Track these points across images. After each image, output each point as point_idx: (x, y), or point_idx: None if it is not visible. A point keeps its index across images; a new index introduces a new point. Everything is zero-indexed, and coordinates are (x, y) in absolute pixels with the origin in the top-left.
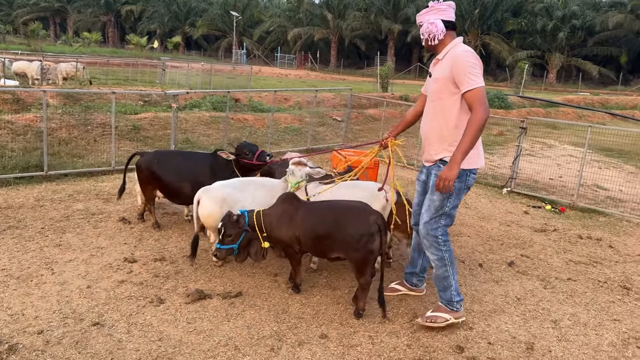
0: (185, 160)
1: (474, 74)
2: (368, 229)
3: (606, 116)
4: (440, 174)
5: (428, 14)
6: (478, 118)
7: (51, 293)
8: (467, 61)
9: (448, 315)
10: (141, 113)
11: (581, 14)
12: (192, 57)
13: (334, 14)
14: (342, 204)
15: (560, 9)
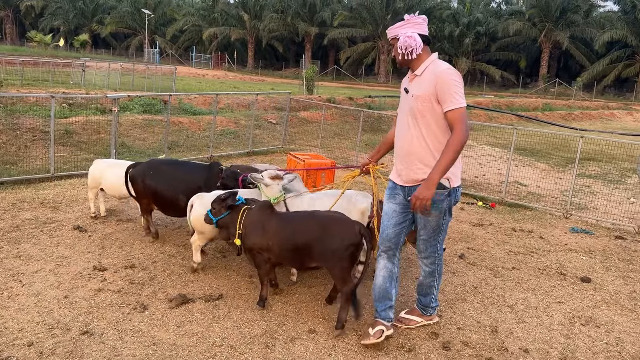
0: (178, 171)
1: (458, 93)
2: (355, 238)
3: (513, 117)
4: (417, 193)
5: (404, 28)
6: (459, 138)
7: (28, 305)
8: (452, 80)
9: (420, 319)
10: (71, 117)
11: (485, 21)
12: (101, 55)
13: (251, 14)
14: (322, 214)
15: (465, 16)
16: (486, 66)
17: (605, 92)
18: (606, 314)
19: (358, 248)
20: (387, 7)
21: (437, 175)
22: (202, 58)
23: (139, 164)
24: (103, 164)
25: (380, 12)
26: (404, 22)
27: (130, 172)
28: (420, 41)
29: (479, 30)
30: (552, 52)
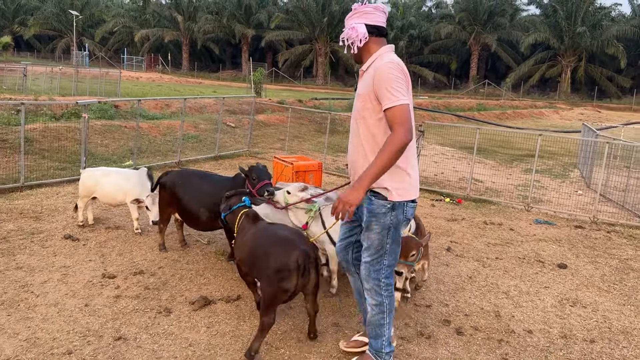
0: (204, 184)
1: (396, 89)
2: (286, 265)
3: (453, 118)
4: (341, 195)
5: (352, 18)
6: (395, 140)
7: (51, 314)
8: (390, 74)
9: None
10: (29, 124)
11: (417, 24)
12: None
13: (184, 15)
14: (278, 232)
15: (399, 20)
16: (420, 68)
17: (531, 91)
18: (588, 296)
19: (290, 278)
20: (324, 9)
21: (366, 179)
22: (134, 60)
23: (171, 171)
24: (97, 173)
25: (317, 14)
26: (352, 12)
27: (161, 179)
28: (363, 32)
29: (412, 33)
30: (481, 54)
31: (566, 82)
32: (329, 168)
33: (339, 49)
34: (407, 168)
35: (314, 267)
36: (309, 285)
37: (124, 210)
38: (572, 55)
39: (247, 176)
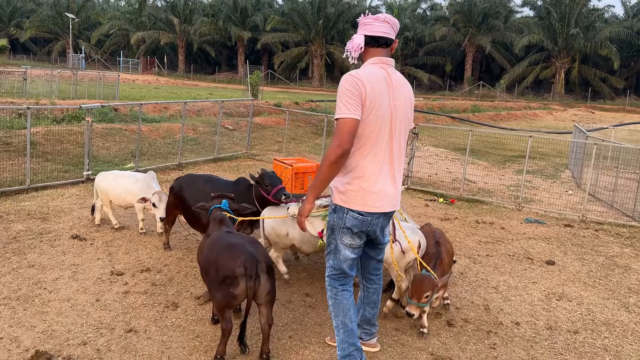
0: (207, 186)
1: (342, 101)
2: (232, 270)
3: (448, 119)
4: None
5: (358, 30)
6: (327, 152)
7: (65, 309)
8: (342, 87)
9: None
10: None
11: (412, 26)
12: (21, 61)
13: (180, 18)
14: (230, 239)
15: None
16: (415, 70)
17: (525, 93)
18: (574, 290)
19: (236, 283)
20: (319, 12)
21: (310, 192)
22: (131, 63)
23: (181, 176)
24: (110, 175)
25: (312, 17)
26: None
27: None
28: (358, 43)
29: (407, 35)
30: (475, 55)
31: (560, 83)
32: None
33: (334, 51)
34: (358, 177)
35: (264, 272)
36: (259, 292)
37: (128, 211)
38: (565, 57)
39: (259, 183)
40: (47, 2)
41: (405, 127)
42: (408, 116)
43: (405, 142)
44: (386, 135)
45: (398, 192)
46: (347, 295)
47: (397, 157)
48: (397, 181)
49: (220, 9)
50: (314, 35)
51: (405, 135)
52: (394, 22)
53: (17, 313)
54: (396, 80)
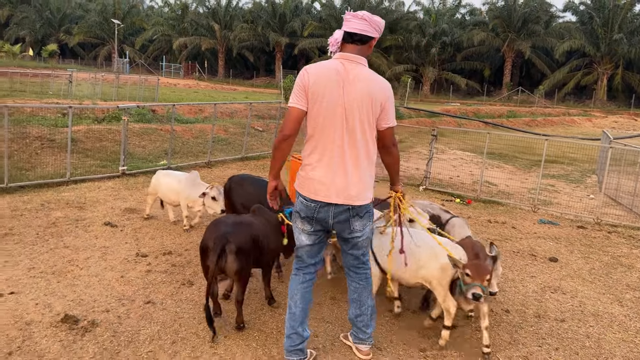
0: (249, 188)
1: (293, 92)
2: (204, 243)
3: (481, 124)
4: None
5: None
6: (275, 139)
7: (93, 283)
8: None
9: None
10: (74, 126)
11: (450, 31)
12: (69, 65)
13: (221, 24)
14: (226, 219)
15: (432, 27)
16: (452, 75)
17: (566, 99)
18: (571, 285)
19: (206, 255)
20: None
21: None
22: (173, 67)
23: (233, 176)
24: (161, 174)
25: None
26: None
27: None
28: (335, 37)
29: (445, 40)
30: (514, 61)
31: (602, 89)
32: None
33: (370, 56)
34: (307, 164)
35: (232, 253)
36: (226, 269)
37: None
38: (608, 63)
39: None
40: (95, 9)
41: (366, 122)
42: (371, 113)
43: (368, 138)
44: (337, 128)
45: (353, 186)
46: (297, 280)
47: (352, 151)
48: (350, 174)
49: (260, 15)
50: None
51: (368, 131)
52: (373, 20)
53: (51, 284)
54: (355, 76)
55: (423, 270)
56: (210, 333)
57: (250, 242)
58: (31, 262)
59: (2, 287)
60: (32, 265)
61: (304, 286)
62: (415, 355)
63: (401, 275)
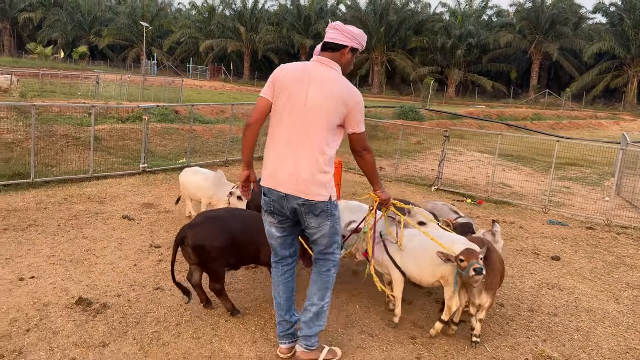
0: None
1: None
2: (178, 234)
3: (502, 126)
4: None
5: None
6: None
7: (107, 270)
8: None
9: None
10: (98, 125)
11: (476, 33)
12: (99, 67)
13: (247, 27)
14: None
15: (457, 28)
16: (478, 77)
17: (595, 102)
18: (569, 282)
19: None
20: (381, 19)
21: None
22: (199, 69)
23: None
24: (189, 171)
25: (374, 24)
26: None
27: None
28: (318, 47)
29: (471, 42)
30: (542, 63)
31: (632, 92)
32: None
33: (395, 58)
34: (265, 155)
35: (189, 246)
36: (190, 259)
37: (172, 197)
38: (639, 65)
39: None
40: (124, 11)
41: (325, 122)
42: (332, 113)
43: (326, 136)
44: (294, 123)
45: (302, 180)
46: (276, 272)
47: (305, 147)
48: (301, 168)
49: (285, 17)
50: (375, 42)
51: (325, 130)
52: (345, 30)
53: (69, 271)
54: (323, 77)
55: (442, 267)
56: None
57: (218, 237)
58: (51, 251)
59: (24, 272)
60: (52, 253)
61: (284, 277)
62: (405, 342)
63: (420, 275)
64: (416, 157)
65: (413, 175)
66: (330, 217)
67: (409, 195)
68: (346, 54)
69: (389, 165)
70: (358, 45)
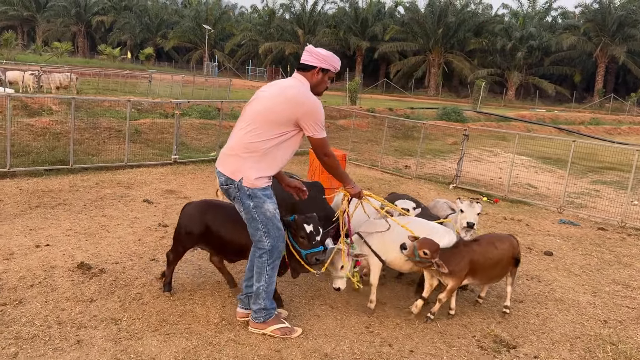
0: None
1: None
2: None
3: (553, 130)
4: None
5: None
6: None
7: (113, 243)
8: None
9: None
10: (140, 119)
11: (538, 35)
12: (163, 68)
13: (305, 29)
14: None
15: (518, 30)
16: (539, 80)
17: None
18: (552, 275)
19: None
20: (439, 21)
21: None
22: (258, 71)
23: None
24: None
25: (432, 26)
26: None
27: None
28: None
29: (532, 44)
30: (608, 66)
31: None
32: (387, 168)
33: (453, 60)
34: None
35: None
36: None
37: (195, 185)
38: None
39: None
40: (189, 15)
41: (260, 117)
42: (269, 112)
43: (257, 129)
44: (243, 117)
45: (225, 155)
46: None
47: (239, 135)
48: (229, 148)
49: (342, 19)
50: (433, 44)
51: (259, 124)
52: (314, 52)
53: (80, 241)
54: (282, 84)
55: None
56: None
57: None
58: (71, 225)
59: (42, 241)
60: (71, 227)
61: (252, 250)
62: (361, 314)
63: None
64: (448, 156)
65: (436, 174)
66: (243, 204)
67: (424, 192)
68: (316, 74)
69: (415, 164)
70: (328, 66)
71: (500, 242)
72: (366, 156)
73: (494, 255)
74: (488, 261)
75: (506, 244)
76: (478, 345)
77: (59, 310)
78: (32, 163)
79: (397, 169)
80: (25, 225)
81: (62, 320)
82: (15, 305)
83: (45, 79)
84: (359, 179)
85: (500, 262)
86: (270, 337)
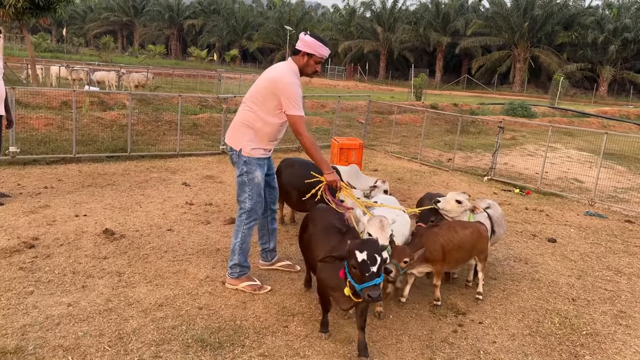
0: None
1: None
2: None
3: (634, 127)
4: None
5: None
6: None
7: (141, 216)
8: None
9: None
10: (199, 114)
11: (634, 26)
12: (247, 69)
13: (384, 27)
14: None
15: (612, 22)
16: (634, 75)
17: None
18: (543, 259)
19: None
20: (525, 14)
21: None
22: (337, 70)
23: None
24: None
25: (517, 19)
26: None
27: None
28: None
29: (627, 37)
30: None
31: None
32: (427, 160)
33: (539, 54)
34: None
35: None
36: None
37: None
38: None
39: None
40: (273, 16)
41: (254, 96)
42: (259, 92)
43: (252, 107)
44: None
45: (230, 129)
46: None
47: (241, 112)
48: (233, 123)
49: (423, 15)
50: (518, 38)
51: (253, 102)
52: (303, 39)
53: (114, 214)
54: (271, 67)
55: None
56: (195, 251)
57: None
58: (111, 201)
59: (81, 211)
60: (110, 203)
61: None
62: None
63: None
64: (501, 151)
65: (477, 167)
66: (238, 169)
67: (453, 183)
68: (301, 58)
69: (459, 157)
70: (311, 51)
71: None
72: (411, 149)
73: (456, 239)
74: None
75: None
76: (429, 310)
77: (76, 264)
78: (96, 150)
79: (438, 162)
80: (73, 200)
81: (76, 271)
82: (44, 258)
83: (125, 78)
84: (394, 169)
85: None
86: (242, 292)
